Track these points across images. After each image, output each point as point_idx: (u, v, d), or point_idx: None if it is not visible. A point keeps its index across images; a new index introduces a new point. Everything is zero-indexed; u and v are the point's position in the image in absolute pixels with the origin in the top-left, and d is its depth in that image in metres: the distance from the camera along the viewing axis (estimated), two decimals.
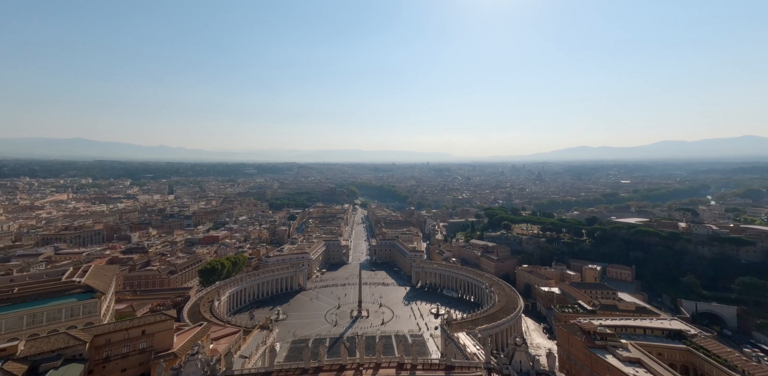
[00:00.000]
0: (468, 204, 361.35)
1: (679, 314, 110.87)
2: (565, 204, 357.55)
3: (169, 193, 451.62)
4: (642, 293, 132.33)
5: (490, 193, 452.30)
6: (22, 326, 66.79)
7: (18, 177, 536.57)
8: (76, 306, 72.33)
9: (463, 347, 76.54)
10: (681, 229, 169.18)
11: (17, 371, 48.30)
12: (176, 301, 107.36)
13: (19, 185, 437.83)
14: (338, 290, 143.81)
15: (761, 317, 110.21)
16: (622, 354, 67.80)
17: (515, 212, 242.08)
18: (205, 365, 53.23)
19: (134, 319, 67.66)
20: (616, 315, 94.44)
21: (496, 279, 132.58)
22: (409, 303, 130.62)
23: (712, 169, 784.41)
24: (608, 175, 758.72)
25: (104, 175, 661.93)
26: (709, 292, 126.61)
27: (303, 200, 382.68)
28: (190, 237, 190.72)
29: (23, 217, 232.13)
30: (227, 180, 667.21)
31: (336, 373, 55.78)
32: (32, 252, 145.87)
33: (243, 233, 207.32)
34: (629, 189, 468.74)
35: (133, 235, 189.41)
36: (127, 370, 61.09)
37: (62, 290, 74.68)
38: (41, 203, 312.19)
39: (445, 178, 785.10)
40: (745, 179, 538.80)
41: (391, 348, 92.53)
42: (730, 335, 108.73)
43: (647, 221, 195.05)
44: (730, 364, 66.59)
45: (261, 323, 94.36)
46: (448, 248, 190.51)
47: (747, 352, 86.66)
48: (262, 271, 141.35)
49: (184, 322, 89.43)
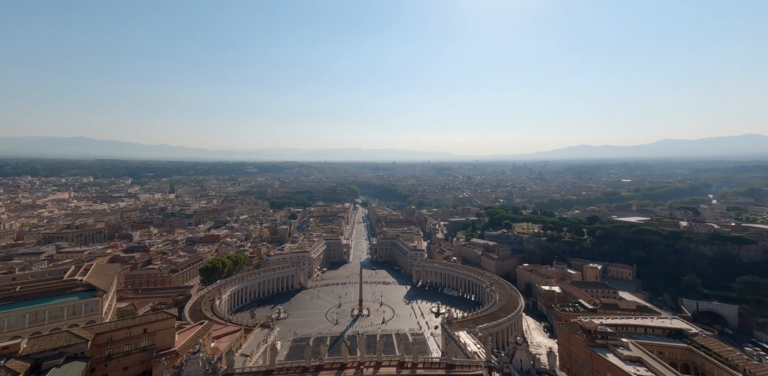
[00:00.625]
0: (469, 203, 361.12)
1: (680, 313, 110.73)
2: (566, 203, 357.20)
3: (170, 192, 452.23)
4: (643, 292, 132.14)
5: (491, 192, 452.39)
6: (25, 324, 67.12)
7: (20, 176, 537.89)
8: (78, 305, 72.64)
9: (463, 345, 76.53)
10: (682, 228, 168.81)
11: (20, 368, 48.55)
12: (177, 299, 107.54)
13: (21, 184, 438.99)
14: (339, 289, 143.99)
15: (763, 316, 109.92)
16: (623, 353, 67.76)
17: (516, 211, 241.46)
18: (207, 363, 53.41)
19: (136, 317, 67.92)
20: (617, 314, 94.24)
21: (497, 278, 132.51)
22: (409, 302, 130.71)
23: (713, 168, 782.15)
24: (609, 174, 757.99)
25: (105, 174, 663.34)
26: (710, 291, 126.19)
27: (304, 199, 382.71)
28: (191, 236, 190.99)
29: (25, 215, 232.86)
30: (228, 179, 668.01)
31: (337, 371, 55.91)
32: (34, 251, 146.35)
33: (244, 232, 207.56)
34: (630, 188, 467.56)
35: (134, 234, 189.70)
36: (128, 368, 61.38)
37: (64, 288, 74.97)
38: (43, 201, 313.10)
39: (446, 177, 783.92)
40: (747, 178, 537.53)
41: (392, 347, 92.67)
42: (731, 334, 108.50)
43: (648, 219, 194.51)
44: (731, 363, 66.59)
45: (262, 321, 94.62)
46: (448, 247, 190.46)
47: (748, 351, 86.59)
48: (263, 270, 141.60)
49: (185, 320, 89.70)
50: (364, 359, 58.94)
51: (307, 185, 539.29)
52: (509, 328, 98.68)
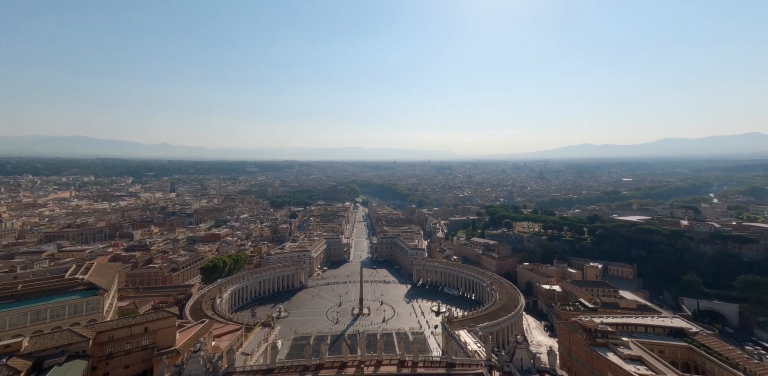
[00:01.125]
0: (469, 202, 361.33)
1: (681, 312, 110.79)
2: (566, 202, 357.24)
3: (170, 191, 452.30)
4: (643, 290, 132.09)
5: (492, 191, 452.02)
6: (26, 322, 67.26)
7: (21, 175, 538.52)
8: (79, 303, 72.75)
9: (464, 344, 76.63)
10: (683, 227, 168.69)
11: (21, 367, 48.65)
12: (178, 298, 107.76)
13: (21, 183, 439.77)
14: (339, 288, 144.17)
15: (763, 315, 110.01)
16: (624, 352, 67.75)
17: (516, 210, 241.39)
18: (207, 362, 53.53)
19: (137, 316, 68.07)
20: (617, 313, 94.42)
21: (497, 277, 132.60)
22: (410, 301, 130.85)
23: (714, 167, 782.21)
24: (610, 173, 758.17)
25: (106, 173, 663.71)
26: (711, 290, 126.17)
27: (304, 198, 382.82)
28: (191, 235, 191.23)
29: (26, 214, 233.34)
30: (229, 178, 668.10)
31: (337, 370, 56.00)
32: (35, 249, 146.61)
33: (245, 231, 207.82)
34: (631, 187, 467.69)
35: (135, 232, 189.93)
36: (129, 366, 61.50)
37: (65, 287, 75.10)
38: (44, 200, 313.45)
39: (447, 176, 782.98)
40: (748, 177, 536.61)
41: (393, 346, 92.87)
42: (731, 332, 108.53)
43: (649, 219, 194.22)
44: (731, 362, 66.53)
45: (263, 320, 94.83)
46: (449, 246, 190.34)
47: (749, 350, 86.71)
48: (264, 269, 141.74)
49: (186, 319, 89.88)
50: (365, 358, 58.96)
51: (308, 184, 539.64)
52: (510, 327, 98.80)
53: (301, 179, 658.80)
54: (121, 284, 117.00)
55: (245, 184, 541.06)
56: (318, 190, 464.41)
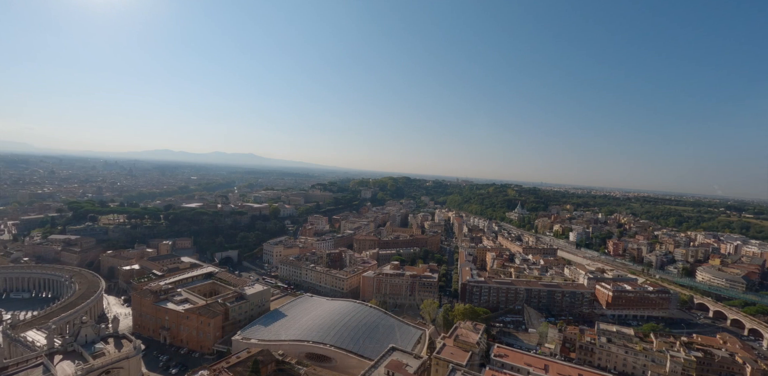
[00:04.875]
0: (51, 198, 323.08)
1: (213, 262, 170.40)
2: (151, 195, 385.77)
3: None
4: (197, 253, 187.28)
5: (79, 187, 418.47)
6: None
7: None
8: None
9: (32, 343, 77.19)
10: (218, 208, 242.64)
11: None
12: None
13: None
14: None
15: (246, 254, 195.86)
16: (176, 299, 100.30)
17: (103, 204, 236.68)
18: None
19: None
20: (178, 274, 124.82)
21: (79, 269, 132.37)
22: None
23: (235, 171, 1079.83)
24: (184, 173, 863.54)
25: None
26: (228, 244, 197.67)
27: None
28: None
29: None
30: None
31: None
32: None
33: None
34: (196, 183, 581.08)
35: None
36: None
37: None
38: None
39: (22, 171, 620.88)
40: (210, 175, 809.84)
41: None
42: (234, 267, 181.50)
43: (201, 204, 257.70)
44: (233, 283, 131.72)
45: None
46: (18, 248, 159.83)
47: (244, 275, 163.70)
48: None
49: None
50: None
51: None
52: (90, 311, 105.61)
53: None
54: None
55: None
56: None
